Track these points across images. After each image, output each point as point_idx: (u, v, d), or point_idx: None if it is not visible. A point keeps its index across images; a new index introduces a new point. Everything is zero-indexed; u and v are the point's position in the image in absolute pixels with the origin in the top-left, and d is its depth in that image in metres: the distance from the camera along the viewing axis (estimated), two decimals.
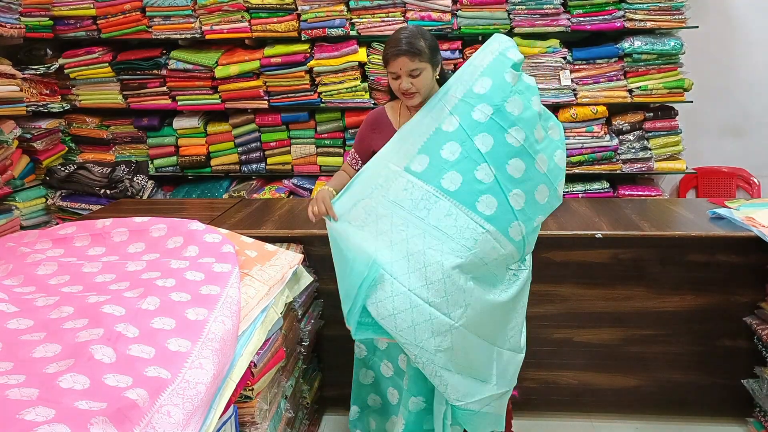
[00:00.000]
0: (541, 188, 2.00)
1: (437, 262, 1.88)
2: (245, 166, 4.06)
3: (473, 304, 1.91)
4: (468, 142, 1.95)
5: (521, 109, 1.96)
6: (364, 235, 1.98)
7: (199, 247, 2.16)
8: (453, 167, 1.94)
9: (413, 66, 1.98)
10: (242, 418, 1.94)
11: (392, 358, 2.25)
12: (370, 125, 2.25)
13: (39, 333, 1.63)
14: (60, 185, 3.75)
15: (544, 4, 3.67)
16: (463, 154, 1.94)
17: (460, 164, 1.94)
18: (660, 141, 3.84)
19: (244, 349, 1.85)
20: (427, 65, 2.01)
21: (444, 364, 1.92)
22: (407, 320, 1.88)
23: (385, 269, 1.90)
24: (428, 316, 1.88)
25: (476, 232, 1.91)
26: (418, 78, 2.00)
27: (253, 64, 3.82)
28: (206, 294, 1.88)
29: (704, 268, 2.61)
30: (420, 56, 1.98)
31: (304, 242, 2.66)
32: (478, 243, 1.90)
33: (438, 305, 1.88)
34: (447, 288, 1.88)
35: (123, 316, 1.67)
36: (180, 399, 1.47)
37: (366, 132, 2.26)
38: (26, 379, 1.40)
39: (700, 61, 3.94)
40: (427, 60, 2.00)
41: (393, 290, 1.88)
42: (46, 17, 3.84)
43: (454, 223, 1.91)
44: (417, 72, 1.99)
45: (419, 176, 1.97)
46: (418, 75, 2.00)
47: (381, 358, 2.29)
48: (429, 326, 1.88)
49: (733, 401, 2.69)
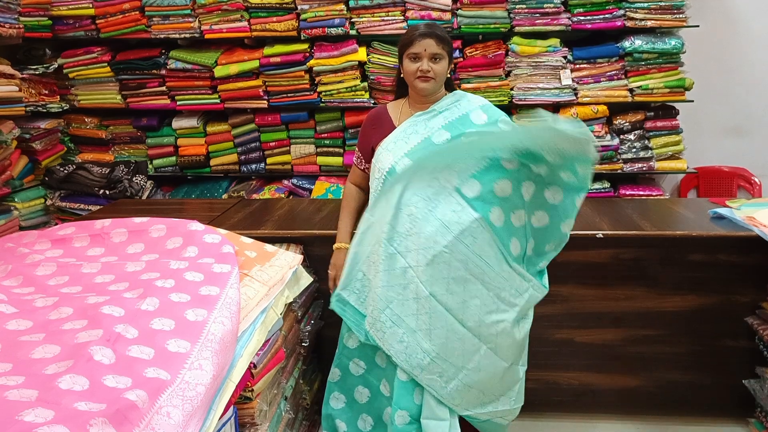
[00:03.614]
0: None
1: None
2: (245, 166, 4.05)
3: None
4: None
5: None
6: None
7: (199, 247, 2.15)
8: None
9: (437, 50, 2.04)
10: (242, 419, 1.94)
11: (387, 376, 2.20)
12: (371, 122, 2.26)
13: (38, 334, 1.62)
14: (59, 185, 3.75)
15: (545, 3, 3.66)
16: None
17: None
18: (661, 140, 3.83)
19: (243, 350, 1.85)
20: (447, 56, 2.08)
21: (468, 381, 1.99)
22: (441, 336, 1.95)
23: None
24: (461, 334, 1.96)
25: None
26: (438, 64, 2.06)
27: (252, 64, 3.81)
28: (206, 295, 1.87)
29: (705, 268, 2.60)
30: (444, 43, 2.06)
31: (304, 242, 2.65)
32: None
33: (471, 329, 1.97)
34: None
35: (122, 317, 1.66)
36: (179, 400, 1.47)
37: (366, 129, 2.27)
38: (25, 380, 1.39)
39: (701, 61, 3.94)
40: (448, 51, 2.08)
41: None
42: (45, 17, 3.83)
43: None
44: (438, 57, 2.05)
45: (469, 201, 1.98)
46: (438, 61, 2.06)
47: (379, 377, 2.23)
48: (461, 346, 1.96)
49: (734, 401, 2.69)
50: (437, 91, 2.15)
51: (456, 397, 1.99)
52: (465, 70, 3.77)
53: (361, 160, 2.30)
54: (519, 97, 3.79)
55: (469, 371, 1.97)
